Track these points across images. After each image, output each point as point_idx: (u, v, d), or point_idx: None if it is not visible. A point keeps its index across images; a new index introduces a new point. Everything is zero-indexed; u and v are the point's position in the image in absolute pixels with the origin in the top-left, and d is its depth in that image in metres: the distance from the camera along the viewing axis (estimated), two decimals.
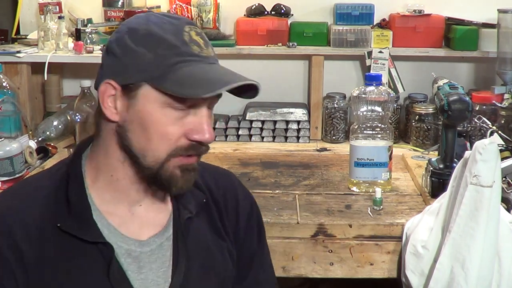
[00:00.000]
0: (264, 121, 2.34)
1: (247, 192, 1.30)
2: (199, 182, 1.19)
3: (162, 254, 1.10)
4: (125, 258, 1.06)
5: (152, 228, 1.11)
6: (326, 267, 1.59)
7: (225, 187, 1.25)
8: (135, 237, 1.08)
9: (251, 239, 1.26)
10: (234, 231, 1.23)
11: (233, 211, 1.24)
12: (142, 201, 1.11)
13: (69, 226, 1.03)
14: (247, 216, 1.26)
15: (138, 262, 1.07)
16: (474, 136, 2.07)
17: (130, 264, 1.07)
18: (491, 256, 1.37)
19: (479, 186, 1.37)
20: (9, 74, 2.17)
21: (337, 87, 2.38)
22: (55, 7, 2.33)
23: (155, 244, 1.10)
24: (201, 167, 1.24)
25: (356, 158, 1.78)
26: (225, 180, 1.27)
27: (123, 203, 1.09)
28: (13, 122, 2.05)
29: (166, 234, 1.12)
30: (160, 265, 1.09)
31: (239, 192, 1.27)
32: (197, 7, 2.39)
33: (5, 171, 1.73)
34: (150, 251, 1.09)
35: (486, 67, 2.38)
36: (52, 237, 1.03)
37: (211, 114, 1.07)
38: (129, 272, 1.06)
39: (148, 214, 1.11)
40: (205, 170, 1.24)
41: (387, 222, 1.60)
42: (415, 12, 2.34)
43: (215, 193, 1.22)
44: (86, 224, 1.04)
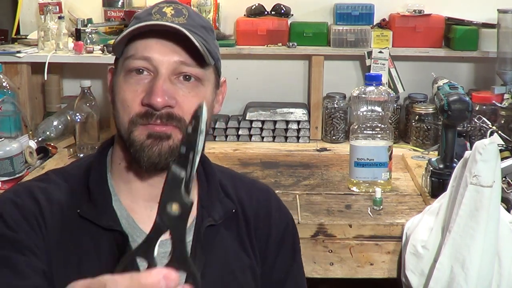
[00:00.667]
0: (264, 121, 2.34)
1: (283, 210, 1.22)
2: (230, 192, 1.16)
3: None
4: None
5: None
6: (326, 267, 1.59)
7: (258, 202, 1.18)
8: None
9: (283, 260, 1.19)
10: (262, 250, 1.16)
11: (264, 230, 1.17)
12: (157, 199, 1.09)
13: (87, 212, 1.03)
14: (281, 237, 1.19)
15: None
16: (474, 136, 2.07)
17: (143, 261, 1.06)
18: (491, 256, 1.37)
19: (479, 186, 1.37)
20: (9, 74, 2.17)
21: (337, 87, 2.39)
22: (55, 7, 2.33)
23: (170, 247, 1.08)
24: (235, 177, 1.22)
25: (356, 158, 1.78)
26: (260, 195, 1.20)
27: (140, 198, 1.08)
28: (13, 122, 2.05)
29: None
30: None
31: (273, 210, 1.19)
32: (197, 7, 2.39)
33: (5, 171, 1.73)
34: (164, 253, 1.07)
35: (486, 67, 2.38)
36: (71, 222, 1.03)
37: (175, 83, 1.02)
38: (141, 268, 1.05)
39: None
40: (239, 181, 1.20)
41: (387, 222, 1.60)
42: (415, 12, 2.34)
43: (247, 207, 1.16)
44: (104, 211, 1.04)
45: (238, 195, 1.17)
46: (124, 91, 1.02)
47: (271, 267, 1.18)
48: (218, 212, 1.11)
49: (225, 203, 1.13)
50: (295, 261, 1.22)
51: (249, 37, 2.36)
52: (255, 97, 2.47)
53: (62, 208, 1.04)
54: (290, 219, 1.23)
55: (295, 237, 1.24)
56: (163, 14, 1.02)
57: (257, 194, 1.20)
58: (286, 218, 1.22)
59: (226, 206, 1.13)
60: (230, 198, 1.15)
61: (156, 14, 1.02)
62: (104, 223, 1.03)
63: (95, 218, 1.03)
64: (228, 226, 1.13)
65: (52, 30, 2.25)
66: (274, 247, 1.18)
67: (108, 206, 1.05)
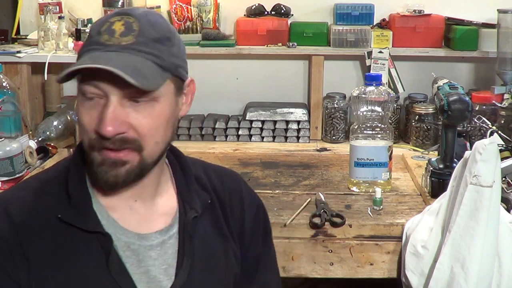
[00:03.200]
0: (264, 121, 2.35)
1: (253, 193, 1.29)
2: (204, 181, 1.20)
3: (164, 251, 1.10)
4: (124, 250, 1.07)
5: (153, 225, 1.11)
6: (326, 267, 1.59)
7: (230, 188, 1.24)
8: (136, 231, 1.09)
9: (256, 241, 1.25)
10: (239, 232, 1.22)
11: (238, 212, 1.23)
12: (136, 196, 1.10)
13: (68, 216, 1.05)
14: (253, 217, 1.25)
15: (137, 255, 1.07)
16: (474, 136, 2.07)
17: (129, 257, 1.07)
18: (491, 256, 1.37)
19: (479, 186, 1.37)
20: (9, 74, 2.17)
21: (337, 87, 2.39)
22: (55, 7, 2.33)
23: (156, 240, 1.10)
24: (206, 166, 1.26)
25: (356, 158, 1.78)
26: (231, 180, 1.26)
27: (119, 197, 1.09)
28: (13, 122, 2.05)
29: (170, 232, 1.12)
30: (162, 262, 1.09)
31: (244, 193, 1.26)
32: (197, 7, 2.39)
33: (5, 171, 1.73)
34: (149, 246, 1.09)
35: (486, 67, 2.38)
36: (53, 228, 1.04)
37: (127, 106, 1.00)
38: (128, 264, 1.07)
39: (147, 211, 1.11)
40: (211, 169, 1.24)
41: (387, 222, 1.60)
42: (415, 12, 2.34)
43: (220, 193, 1.21)
44: (85, 214, 1.06)
45: (212, 184, 1.21)
46: (82, 114, 1.02)
47: (247, 248, 1.23)
48: (197, 204, 1.15)
49: (201, 195, 1.17)
50: (267, 242, 1.28)
51: (249, 37, 2.36)
52: (255, 97, 2.47)
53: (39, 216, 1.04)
54: (259, 202, 1.29)
55: (266, 220, 1.29)
56: (111, 33, 1.00)
57: (228, 180, 1.25)
58: (256, 199, 1.28)
59: (202, 198, 1.17)
60: (205, 188, 1.19)
61: (104, 34, 1.00)
62: (88, 226, 1.04)
63: (77, 222, 1.04)
64: (206, 216, 1.17)
65: (52, 30, 2.25)
66: (248, 229, 1.23)
67: (89, 209, 1.07)
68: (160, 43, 1.03)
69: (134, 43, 1.00)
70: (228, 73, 2.50)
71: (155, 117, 1.02)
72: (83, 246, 1.04)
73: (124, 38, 1.00)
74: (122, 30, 1.01)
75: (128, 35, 1.00)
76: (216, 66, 2.48)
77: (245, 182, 1.30)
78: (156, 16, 1.06)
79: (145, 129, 1.01)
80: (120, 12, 1.03)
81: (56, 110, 2.31)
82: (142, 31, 1.01)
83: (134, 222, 1.10)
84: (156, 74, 1.01)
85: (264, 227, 1.28)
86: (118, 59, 0.98)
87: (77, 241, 1.04)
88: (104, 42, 1.00)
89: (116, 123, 0.99)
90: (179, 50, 1.07)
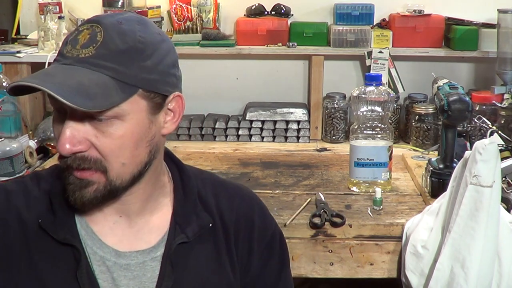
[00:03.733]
0: (264, 121, 2.35)
1: (269, 219, 1.17)
2: (209, 202, 1.11)
3: (142, 273, 1.03)
4: (99, 265, 1.02)
5: (136, 243, 1.05)
6: (326, 267, 1.59)
7: (240, 212, 1.13)
8: (115, 247, 1.03)
9: (268, 273, 1.15)
10: (244, 262, 1.12)
11: (245, 240, 1.12)
12: (121, 212, 1.05)
13: (46, 223, 1.01)
14: (265, 246, 1.14)
15: (111, 273, 1.02)
16: (474, 136, 2.07)
17: (104, 272, 1.02)
18: (491, 256, 1.37)
19: (479, 186, 1.37)
20: (9, 74, 2.17)
21: (337, 87, 2.39)
22: (55, 7, 2.33)
23: (135, 260, 1.04)
24: (218, 185, 1.16)
25: (356, 158, 1.78)
26: (243, 204, 1.15)
27: (102, 211, 1.04)
28: (13, 122, 2.05)
29: (153, 254, 1.05)
30: (138, 284, 1.03)
31: (256, 219, 1.14)
32: (197, 7, 2.39)
33: (5, 171, 1.73)
34: (126, 265, 1.03)
35: (486, 67, 2.38)
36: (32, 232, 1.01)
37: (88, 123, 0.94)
38: (100, 280, 1.02)
39: (131, 228, 1.06)
40: (222, 189, 1.16)
41: (387, 222, 1.60)
42: (415, 12, 2.34)
43: (227, 217, 1.11)
44: (63, 223, 1.02)
45: (218, 206, 1.12)
46: (54, 128, 0.98)
47: (255, 280, 1.14)
48: (193, 228, 1.07)
49: (202, 217, 1.09)
50: (283, 275, 1.18)
51: (249, 37, 2.36)
52: (255, 97, 2.47)
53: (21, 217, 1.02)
54: (275, 229, 1.18)
55: (283, 249, 1.19)
56: (74, 43, 0.94)
57: (239, 203, 1.14)
58: (271, 226, 1.17)
59: (202, 221, 1.09)
60: (209, 210, 1.10)
61: (68, 44, 0.95)
62: (61, 237, 1.01)
63: (52, 231, 1.01)
64: (204, 241, 1.08)
65: (52, 30, 2.25)
66: (257, 259, 1.14)
67: (68, 217, 1.02)
68: (127, 56, 0.94)
69: (92, 56, 0.93)
70: (228, 73, 2.50)
71: (118, 137, 0.95)
72: (57, 255, 1.01)
73: (83, 50, 0.93)
74: (85, 41, 0.94)
75: (89, 46, 0.93)
76: (216, 66, 2.48)
77: (262, 206, 1.19)
78: (132, 25, 0.97)
79: (106, 148, 0.95)
80: (91, 20, 0.97)
81: None
82: (106, 42, 0.93)
83: (115, 238, 1.04)
84: (111, 91, 0.92)
85: (280, 257, 1.17)
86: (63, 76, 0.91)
87: (51, 248, 1.01)
88: (65, 54, 0.95)
89: (73, 141, 0.93)
90: (158, 63, 0.97)
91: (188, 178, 1.12)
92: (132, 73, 0.94)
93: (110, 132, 0.95)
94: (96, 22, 0.96)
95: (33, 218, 1.02)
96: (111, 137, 0.95)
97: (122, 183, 0.99)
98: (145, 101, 0.97)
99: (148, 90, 0.97)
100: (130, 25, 0.97)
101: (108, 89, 0.92)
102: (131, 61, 0.94)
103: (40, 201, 1.04)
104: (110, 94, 0.92)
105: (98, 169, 0.96)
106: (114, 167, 0.97)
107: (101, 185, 0.97)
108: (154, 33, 0.99)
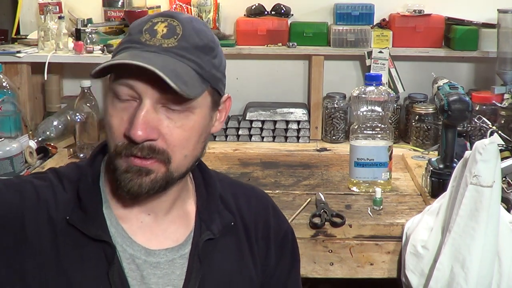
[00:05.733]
0: (264, 121, 2.35)
1: (281, 218, 1.20)
2: (230, 202, 1.13)
3: (171, 271, 1.04)
4: (129, 263, 1.01)
5: (165, 241, 1.05)
6: (326, 267, 1.59)
7: (256, 212, 1.16)
8: (145, 245, 1.03)
9: (281, 271, 1.17)
10: (263, 259, 1.14)
11: (263, 239, 1.15)
12: (150, 210, 1.05)
13: (75, 220, 1.00)
14: (279, 245, 1.17)
15: (141, 271, 1.02)
16: (474, 136, 2.07)
17: (133, 270, 1.02)
18: (491, 256, 1.37)
19: (479, 186, 1.37)
20: (9, 74, 2.17)
21: (337, 87, 2.39)
22: (55, 7, 2.33)
23: (164, 258, 1.04)
24: (235, 186, 1.19)
25: (356, 158, 1.78)
26: (258, 203, 1.18)
27: (132, 208, 1.04)
28: (13, 122, 2.05)
29: (181, 251, 1.05)
30: (167, 282, 1.03)
31: (271, 219, 1.17)
32: (197, 7, 2.39)
33: (5, 171, 1.73)
34: (156, 263, 1.03)
35: (486, 67, 2.38)
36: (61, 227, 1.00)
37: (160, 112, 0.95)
38: (130, 278, 1.01)
39: (160, 226, 1.05)
40: (239, 189, 1.18)
41: (387, 222, 1.60)
42: (415, 12, 2.34)
43: (246, 217, 1.14)
44: (93, 220, 1.01)
45: (237, 204, 1.14)
46: (111, 117, 0.97)
47: (271, 276, 1.16)
48: (217, 225, 1.08)
49: (224, 216, 1.10)
50: (293, 270, 1.20)
51: (249, 37, 2.36)
52: (255, 97, 2.47)
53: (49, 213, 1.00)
54: (288, 227, 1.21)
55: (294, 247, 1.21)
56: (153, 33, 0.95)
57: (256, 204, 1.17)
58: (284, 227, 1.20)
59: (224, 219, 1.10)
60: (229, 209, 1.12)
61: (146, 33, 0.96)
62: (92, 233, 1.00)
63: (83, 227, 1.00)
64: (227, 239, 1.10)
65: (52, 30, 2.25)
66: (273, 256, 1.16)
67: (98, 214, 1.02)
68: (203, 52, 0.98)
69: (176, 47, 0.95)
70: (228, 73, 2.46)
71: (188, 129, 0.97)
72: (87, 252, 1.00)
73: (166, 40, 0.95)
74: (165, 32, 0.96)
75: (171, 37, 0.95)
76: None
77: (274, 205, 1.22)
78: (201, 24, 1.01)
79: (176, 139, 0.96)
80: (164, 14, 0.99)
81: (56, 110, 2.31)
82: (185, 36, 0.96)
83: (144, 236, 1.04)
84: (196, 82, 0.95)
85: (292, 255, 1.20)
86: (158, 60, 0.93)
87: (81, 246, 1.00)
88: (144, 42, 0.95)
89: (147, 128, 0.93)
90: (220, 63, 1.03)
91: (210, 178, 1.13)
92: (207, 68, 0.98)
93: (182, 123, 0.96)
94: (171, 16, 0.98)
95: (61, 215, 1.00)
96: (182, 128, 0.96)
97: (178, 175, 1.00)
98: (210, 98, 1.01)
99: (213, 88, 1.01)
100: (199, 24, 1.01)
101: (195, 80, 0.95)
102: (206, 57, 0.98)
103: (66, 198, 1.02)
104: (195, 84, 0.95)
105: (161, 159, 0.96)
106: (177, 159, 0.98)
107: (159, 175, 0.97)
108: (214, 35, 1.04)
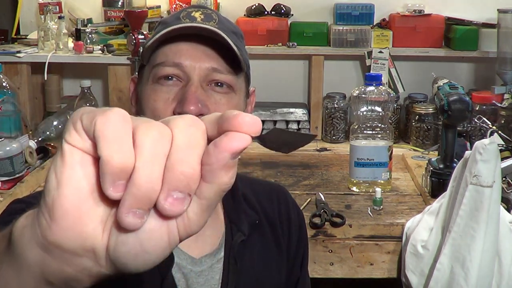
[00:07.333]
0: (264, 121, 2.34)
1: (298, 211, 1.21)
2: (252, 200, 1.12)
3: (211, 276, 1.02)
4: (175, 272, 0.99)
5: (205, 246, 1.03)
6: (326, 267, 1.59)
7: (279, 207, 1.16)
8: (189, 253, 1.01)
9: (297, 265, 1.18)
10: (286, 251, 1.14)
11: (286, 233, 1.16)
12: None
13: None
14: (297, 239, 1.18)
15: (186, 279, 0.99)
16: (474, 136, 2.07)
17: (179, 280, 0.99)
18: (491, 256, 1.37)
19: (479, 186, 1.37)
20: (9, 74, 2.17)
21: (337, 87, 2.39)
22: (55, 7, 2.33)
23: (206, 265, 1.02)
24: (254, 183, 1.19)
25: (356, 158, 1.77)
26: (278, 198, 1.18)
27: None
28: (13, 122, 2.05)
29: (218, 256, 1.04)
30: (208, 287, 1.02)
31: (291, 213, 1.18)
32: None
33: (5, 171, 1.73)
34: (199, 272, 1.01)
35: (486, 67, 2.38)
36: None
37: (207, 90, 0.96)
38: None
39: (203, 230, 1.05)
40: (258, 186, 1.18)
41: (387, 222, 1.60)
42: (415, 12, 2.34)
43: (270, 213, 1.14)
44: None
45: (259, 201, 1.14)
46: (155, 100, 0.96)
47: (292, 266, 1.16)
48: (245, 226, 1.07)
49: (249, 215, 1.10)
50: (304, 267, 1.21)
51: (249, 37, 2.35)
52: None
53: None
54: (302, 221, 1.22)
55: (306, 241, 1.23)
56: (192, 18, 0.98)
57: (277, 199, 1.17)
58: (301, 216, 1.21)
59: (250, 218, 1.09)
60: (253, 207, 1.12)
61: (185, 19, 0.97)
62: None
63: None
64: (253, 237, 1.09)
65: (52, 30, 2.25)
66: (294, 247, 1.17)
67: None
68: (237, 38, 1.00)
69: (218, 29, 0.97)
70: None
71: (233, 106, 0.97)
72: None
73: (207, 23, 0.97)
74: (203, 17, 0.98)
75: (210, 21, 0.98)
76: None
77: (291, 197, 1.22)
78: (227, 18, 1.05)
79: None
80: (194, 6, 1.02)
81: (56, 110, 2.31)
82: (222, 21, 0.99)
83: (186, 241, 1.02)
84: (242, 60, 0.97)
85: (304, 249, 1.21)
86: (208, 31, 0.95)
87: None
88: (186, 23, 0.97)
89: (199, 103, 0.93)
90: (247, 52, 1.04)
91: None
92: (243, 53, 1.00)
93: (227, 100, 0.97)
94: (202, 7, 1.01)
95: None
96: (228, 105, 0.97)
97: None
98: (244, 83, 1.03)
99: (247, 75, 1.03)
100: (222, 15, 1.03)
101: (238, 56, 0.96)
102: (241, 42, 1.01)
103: None
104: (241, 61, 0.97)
105: None
106: None
107: None
108: None
